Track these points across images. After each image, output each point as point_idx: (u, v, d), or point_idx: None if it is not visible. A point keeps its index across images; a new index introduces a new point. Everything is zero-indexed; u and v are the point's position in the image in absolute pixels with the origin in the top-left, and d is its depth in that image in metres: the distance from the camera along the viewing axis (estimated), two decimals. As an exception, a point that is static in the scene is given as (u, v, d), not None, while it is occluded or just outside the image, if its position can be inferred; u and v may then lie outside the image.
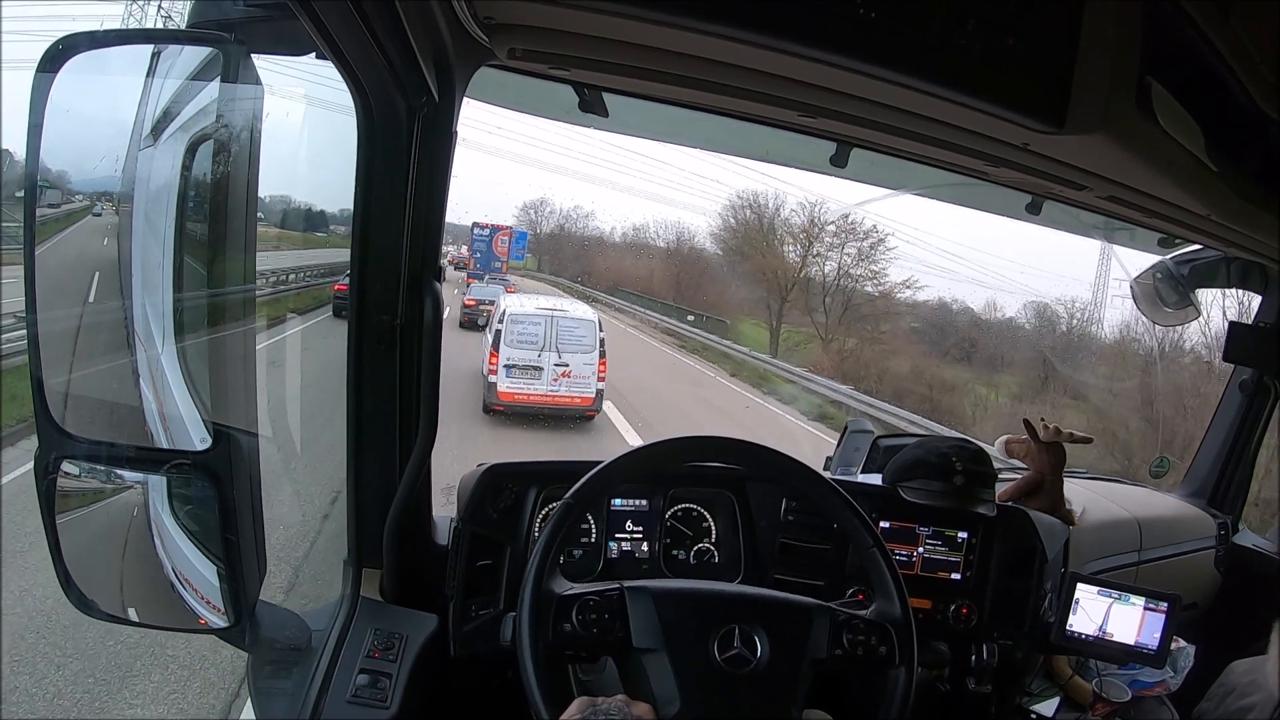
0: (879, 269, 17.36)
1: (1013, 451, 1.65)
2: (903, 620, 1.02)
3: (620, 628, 0.95)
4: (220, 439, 0.82)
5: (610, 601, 0.96)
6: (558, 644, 0.94)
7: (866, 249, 17.46)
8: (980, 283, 23.92)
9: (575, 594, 0.96)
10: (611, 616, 0.95)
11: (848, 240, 17.71)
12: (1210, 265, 1.81)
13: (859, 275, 17.54)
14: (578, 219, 25.88)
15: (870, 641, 1.00)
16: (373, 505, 1.12)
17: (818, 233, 18.24)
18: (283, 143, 1.55)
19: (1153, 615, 1.36)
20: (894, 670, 1.00)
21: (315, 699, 0.98)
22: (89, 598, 0.84)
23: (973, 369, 14.37)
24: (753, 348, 15.62)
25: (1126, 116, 0.89)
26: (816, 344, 17.11)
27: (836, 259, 17.89)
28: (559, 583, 0.97)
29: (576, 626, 0.94)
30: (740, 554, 1.36)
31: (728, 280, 20.65)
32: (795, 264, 18.61)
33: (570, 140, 27.95)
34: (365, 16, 0.73)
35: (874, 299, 17.39)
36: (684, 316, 18.64)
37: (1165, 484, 2.26)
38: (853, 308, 17.40)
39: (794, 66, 0.84)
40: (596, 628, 0.94)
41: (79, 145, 0.81)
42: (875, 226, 17.06)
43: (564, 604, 0.95)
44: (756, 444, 1.10)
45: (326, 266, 7.65)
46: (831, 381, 11.81)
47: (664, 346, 16.10)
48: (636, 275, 22.77)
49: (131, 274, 0.85)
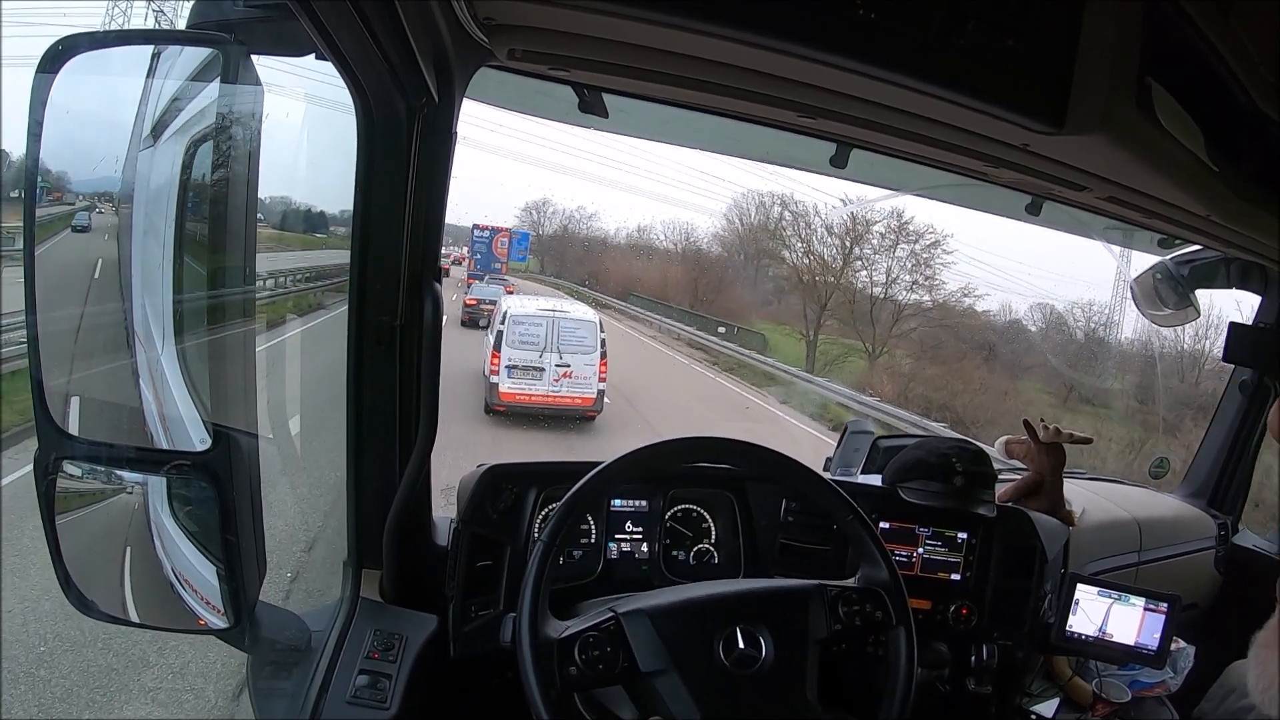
0: (933, 274, 15.41)
1: (1012, 452, 1.65)
2: (891, 581, 1.05)
3: (624, 657, 0.94)
4: (220, 440, 0.82)
5: (609, 633, 0.95)
6: (566, 688, 0.93)
7: (920, 251, 15.49)
8: (1015, 291, 21.89)
9: (573, 634, 0.94)
10: (614, 648, 0.94)
11: (899, 241, 15.74)
12: (1210, 265, 1.81)
13: (912, 282, 15.53)
14: (581, 220, 25.61)
15: (865, 609, 1.02)
16: (372, 506, 1.12)
17: (862, 232, 16.19)
18: (283, 143, 1.55)
19: (1152, 616, 1.36)
20: (893, 631, 1.03)
21: (315, 699, 0.98)
22: (89, 598, 0.84)
23: (1066, 398, 12.15)
24: (785, 360, 13.47)
25: (1126, 117, 0.89)
26: (857, 357, 14.92)
27: (885, 263, 15.87)
28: (552, 625, 0.95)
29: (582, 667, 0.93)
30: (740, 554, 1.36)
31: (752, 284, 18.70)
32: (835, 266, 16.49)
33: (573, 138, 27.80)
34: (365, 17, 0.73)
35: (928, 309, 15.25)
36: (712, 328, 16.67)
37: (1165, 484, 2.26)
38: (904, 318, 15.41)
39: (794, 67, 0.84)
40: (602, 663, 0.93)
41: (79, 146, 0.81)
42: (931, 225, 15.20)
43: (564, 647, 0.93)
44: (749, 442, 1.10)
45: (314, 270, 7.36)
46: (914, 415, 9.73)
47: (692, 363, 14.07)
48: (650, 279, 21.19)
49: (131, 274, 0.85)
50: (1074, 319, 14.57)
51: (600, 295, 20.51)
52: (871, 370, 14.08)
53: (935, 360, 14.01)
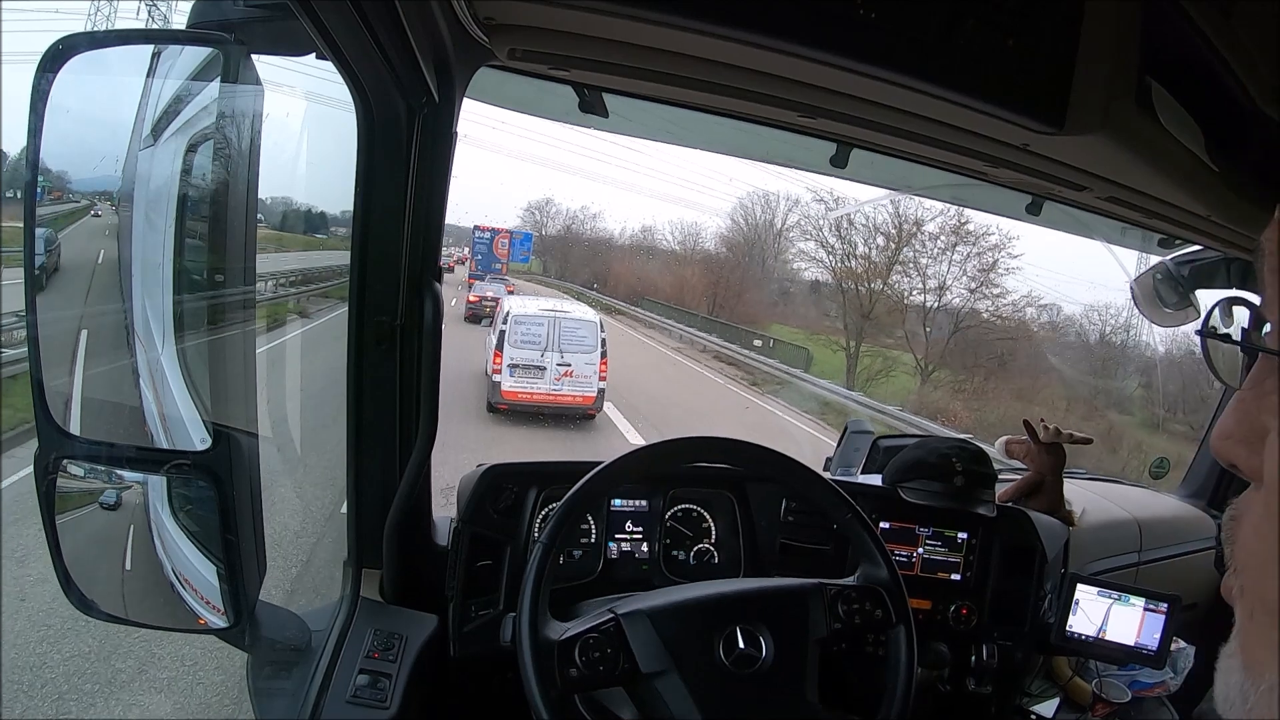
0: (997, 281, 13.23)
1: (1013, 452, 1.66)
2: (890, 580, 1.04)
3: (625, 658, 0.94)
4: (220, 439, 0.82)
5: (609, 634, 0.95)
6: (567, 690, 0.93)
7: (982, 253, 13.26)
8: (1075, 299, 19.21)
9: (573, 635, 0.94)
10: (614, 649, 0.94)
11: (956, 243, 13.54)
12: (1210, 265, 1.81)
13: (972, 288, 13.30)
14: (585, 219, 25.37)
15: (865, 607, 1.02)
16: (373, 505, 1.12)
17: (913, 233, 14.09)
18: (283, 143, 1.55)
19: (1152, 616, 1.36)
20: (893, 630, 1.02)
21: (315, 699, 0.98)
22: (89, 598, 0.84)
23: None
24: (824, 373, 11.46)
25: (1126, 117, 0.88)
26: (902, 372, 12.99)
27: (940, 267, 13.68)
28: (553, 627, 0.95)
29: (582, 668, 0.93)
30: (740, 554, 1.36)
31: (779, 289, 16.48)
32: (879, 269, 14.29)
33: (576, 135, 27.63)
34: (365, 17, 0.73)
35: (992, 321, 12.97)
36: (743, 339, 14.88)
37: (1165, 484, 2.25)
38: (963, 330, 13.20)
39: (794, 67, 0.84)
40: (603, 665, 0.93)
41: (79, 145, 0.81)
42: (991, 225, 13.22)
43: (564, 649, 0.93)
44: (749, 442, 1.10)
45: (300, 273, 7.18)
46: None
47: (729, 383, 12.33)
48: (663, 282, 19.56)
49: (131, 274, 0.85)
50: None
51: (611, 300, 19.17)
52: (922, 388, 12.48)
53: (1001, 377, 12.18)
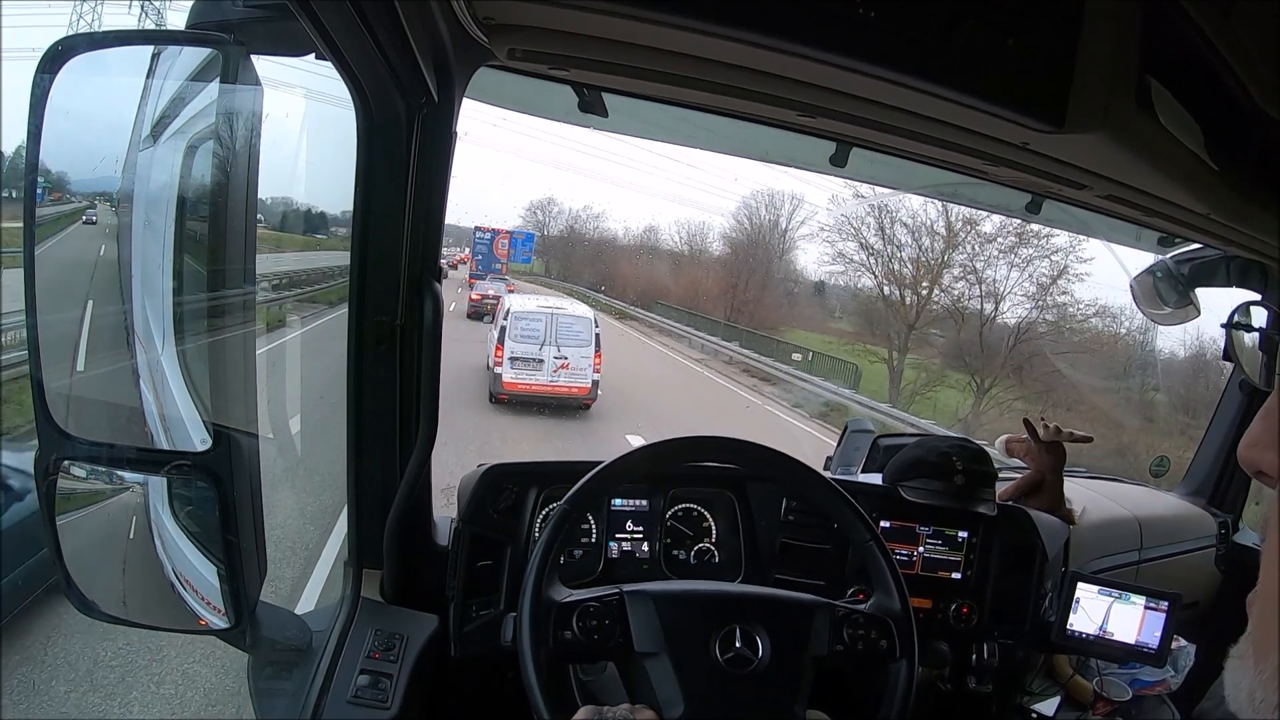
0: (1066, 288, 11.67)
1: (1013, 451, 1.65)
2: (902, 614, 1.02)
3: (621, 633, 0.94)
4: (220, 440, 0.82)
5: (610, 607, 0.95)
6: (559, 651, 0.93)
7: (1047, 255, 11.48)
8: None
9: (575, 600, 0.95)
10: (612, 622, 0.95)
11: (1017, 245, 11.82)
12: (1210, 264, 1.81)
13: (1041, 299, 11.56)
14: (588, 219, 25.21)
15: (870, 636, 1.00)
16: (373, 506, 1.12)
17: (968, 234, 12.39)
18: (282, 144, 1.55)
19: (1153, 614, 1.36)
20: (895, 664, 1.00)
21: (316, 700, 0.98)
22: (89, 599, 0.84)
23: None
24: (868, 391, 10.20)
25: (1126, 116, 0.88)
26: (948, 387, 11.71)
27: (999, 272, 11.96)
28: (558, 589, 0.96)
29: (577, 633, 0.93)
30: (741, 554, 1.36)
31: (809, 293, 14.85)
32: (926, 272, 12.61)
33: (578, 132, 27.49)
34: (365, 17, 0.73)
35: (1060, 331, 11.39)
36: (777, 350, 13.38)
37: (1165, 483, 2.26)
38: (1024, 341, 11.59)
39: (793, 66, 0.84)
40: (597, 634, 0.94)
41: (79, 146, 0.81)
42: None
43: (564, 611, 0.94)
44: (753, 443, 1.10)
45: (286, 275, 6.98)
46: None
47: (765, 402, 11.47)
48: (675, 285, 18.33)
49: (131, 275, 0.85)
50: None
51: (620, 304, 18.20)
52: (980, 406, 10.96)
53: (1075, 397, 10.70)
